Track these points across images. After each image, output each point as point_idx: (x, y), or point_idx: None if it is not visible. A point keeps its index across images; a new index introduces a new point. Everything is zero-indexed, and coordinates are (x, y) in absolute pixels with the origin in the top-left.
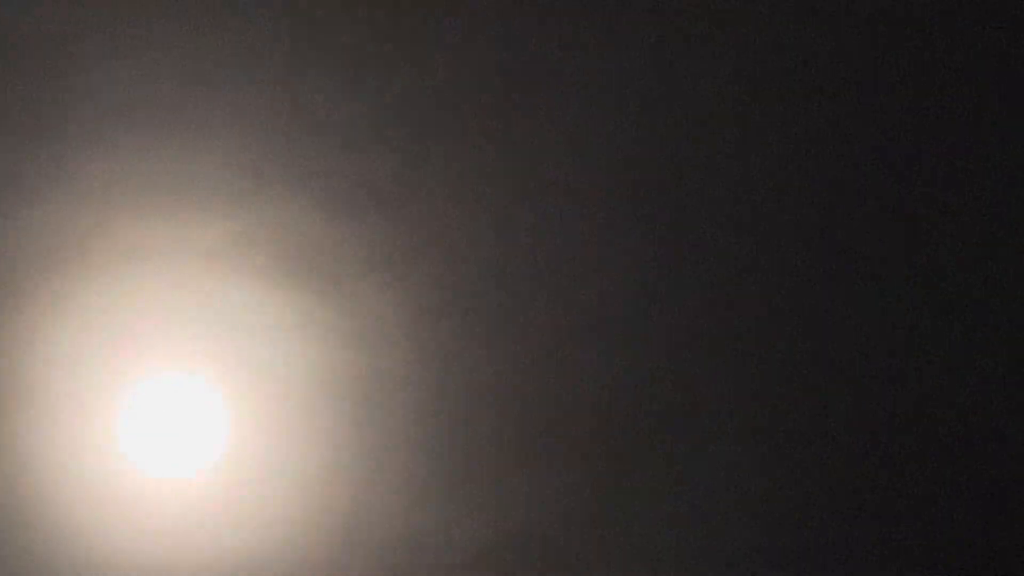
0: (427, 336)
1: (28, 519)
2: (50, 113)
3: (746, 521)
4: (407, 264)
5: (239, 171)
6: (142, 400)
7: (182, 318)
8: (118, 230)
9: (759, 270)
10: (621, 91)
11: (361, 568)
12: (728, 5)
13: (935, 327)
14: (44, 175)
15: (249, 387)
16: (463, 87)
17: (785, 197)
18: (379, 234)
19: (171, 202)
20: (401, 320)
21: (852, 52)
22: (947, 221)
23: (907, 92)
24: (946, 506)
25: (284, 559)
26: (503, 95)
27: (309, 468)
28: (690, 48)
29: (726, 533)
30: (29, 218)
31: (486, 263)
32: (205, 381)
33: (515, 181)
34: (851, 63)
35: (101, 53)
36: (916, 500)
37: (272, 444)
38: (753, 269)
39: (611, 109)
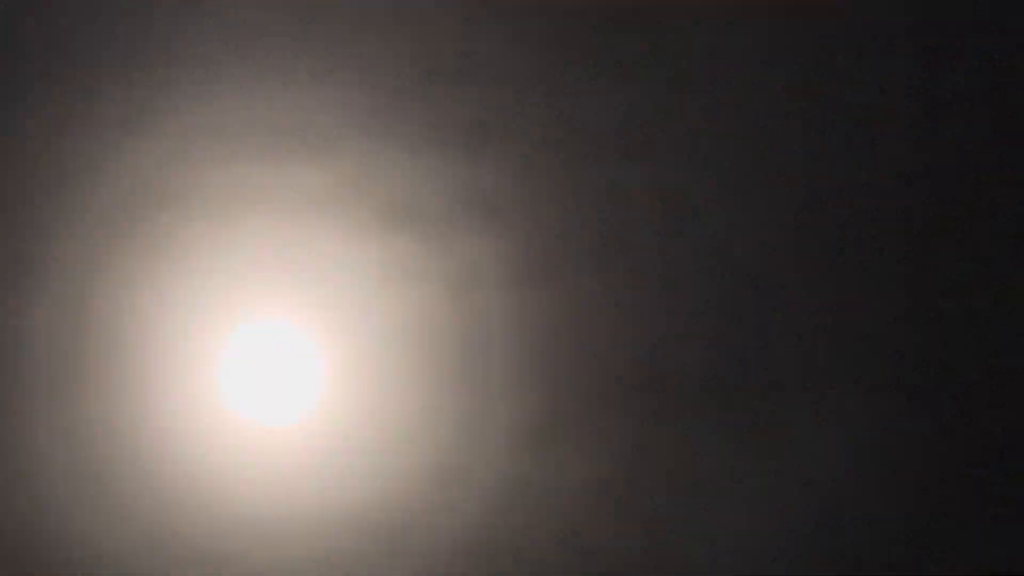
0: (528, 282)
1: (131, 468)
2: (160, 55)
3: (861, 480)
4: (510, 211)
5: (346, 117)
6: (244, 345)
7: (284, 263)
8: (223, 173)
9: (878, 235)
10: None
11: (462, 514)
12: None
13: None
14: (153, 117)
15: (351, 334)
16: (570, 31)
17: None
18: (484, 181)
19: (277, 146)
20: (503, 267)
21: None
22: None
23: None
24: None
25: (385, 507)
26: (610, 36)
27: (410, 415)
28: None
29: (835, 491)
30: (136, 161)
31: (588, 209)
32: (307, 327)
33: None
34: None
35: None
36: None
37: (373, 391)
38: (872, 236)
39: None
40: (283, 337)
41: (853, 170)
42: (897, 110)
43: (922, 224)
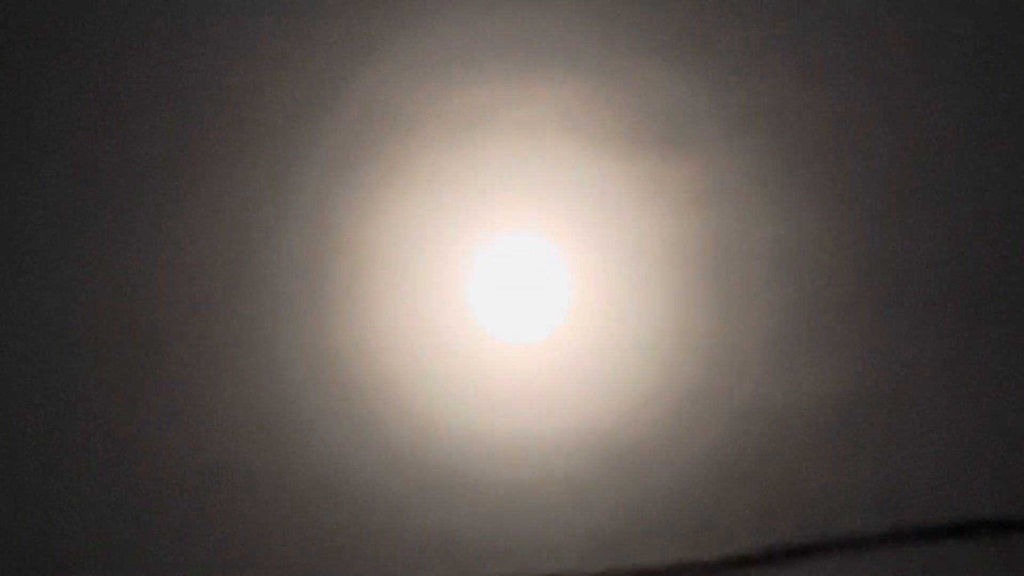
0: (772, 199)
1: (382, 390)
2: None
3: None
4: (750, 128)
5: (591, 34)
6: (492, 265)
7: (526, 184)
8: (460, 96)
9: None
10: None
11: (712, 435)
12: None
13: None
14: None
15: (600, 251)
16: None
17: None
18: (730, 98)
19: (512, 66)
20: (749, 185)
21: None
22: None
23: None
24: None
25: (629, 425)
26: None
27: (656, 331)
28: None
29: None
30: (374, 86)
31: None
32: (555, 246)
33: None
34: None
35: None
36: None
37: (619, 307)
38: None
39: None
40: (531, 255)
41: None
42: None
43: None
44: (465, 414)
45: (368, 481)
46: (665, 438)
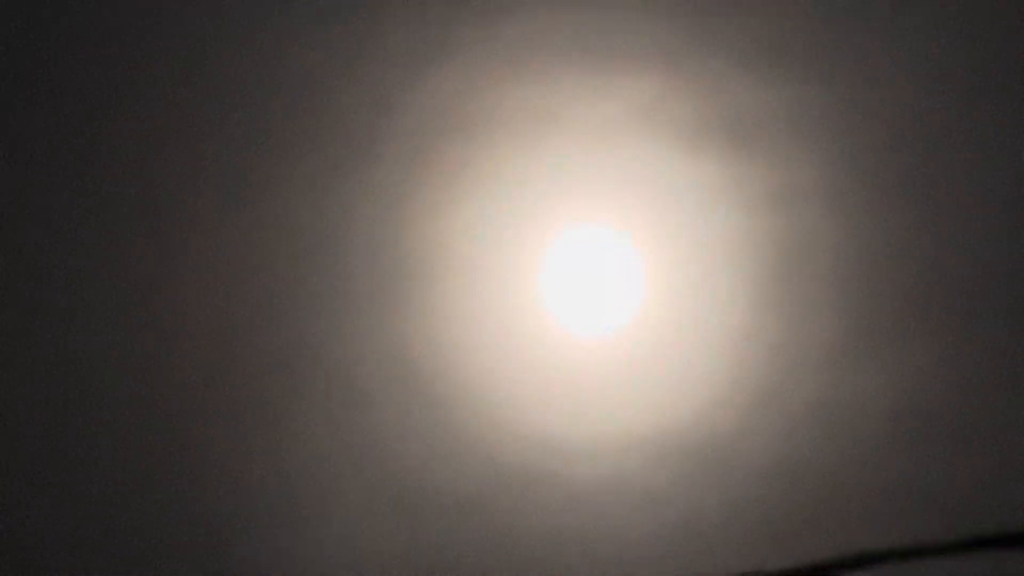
0: (844, 201)
1: (442, 382)
2: None
3: None
4: (824, 129)
5: (661, 32)
6: (557, 263)
7: (598, 182)
8: (525, 95)
9: None
10: None
11: (774, 433)
12: None
13: None
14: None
15: (665, 250)
16: None
17: None
18: (796, 98)
19: (584, 64)
20: (821, 184)
21: None
22: None
23: None
24: None
25: (697, 424)
26: None
27: (727, 330)
28: None
29: None
30: (433, 87)
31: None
32: (624, 244)
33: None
34: None
35: None
36: None
37: (690, 306)
38: None
39: None
40: (603, 253)
41: None
42: None
43: None
44: (535, 412)
45: (437, 481)
46: (730, 439)
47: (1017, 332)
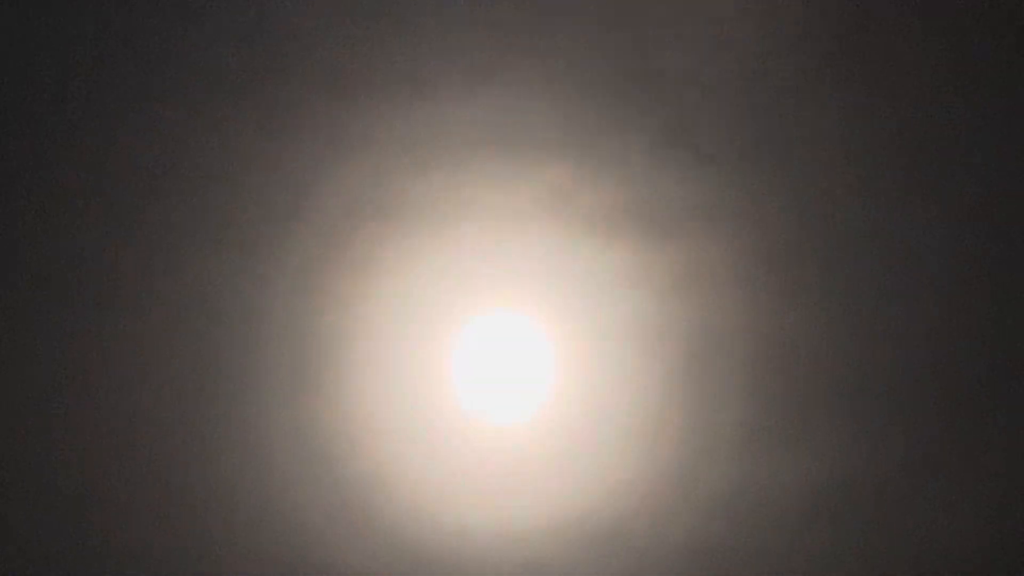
0: (755, 287)
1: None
2: (368, 67)
3: None
4: (735, 216)
5: (572, 119)
6: (467, 350)
7: (509, 268)
8: (438, 183)
9: None
10: None
11: (689, 517)
12: None
13: None
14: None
15: (576, 338)
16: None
17: None
18: (706, 185)
19: (492, 154)
20: (729, 271)
21: None
22: None
23: None
24: None
25: (611, 508)
26: (830, 60)
27: (637, 417)
28: None
29: None
30: (347, 173)
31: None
32: (530, 331)
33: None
34: None
35: (419, 5)
36: None
37: (602, 391)
38: None
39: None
40: (513, 338)
41: None
42: None
43: None
44: (449, 498)
45: (353, 566)
46: (645, 523)
47: (930, 416)
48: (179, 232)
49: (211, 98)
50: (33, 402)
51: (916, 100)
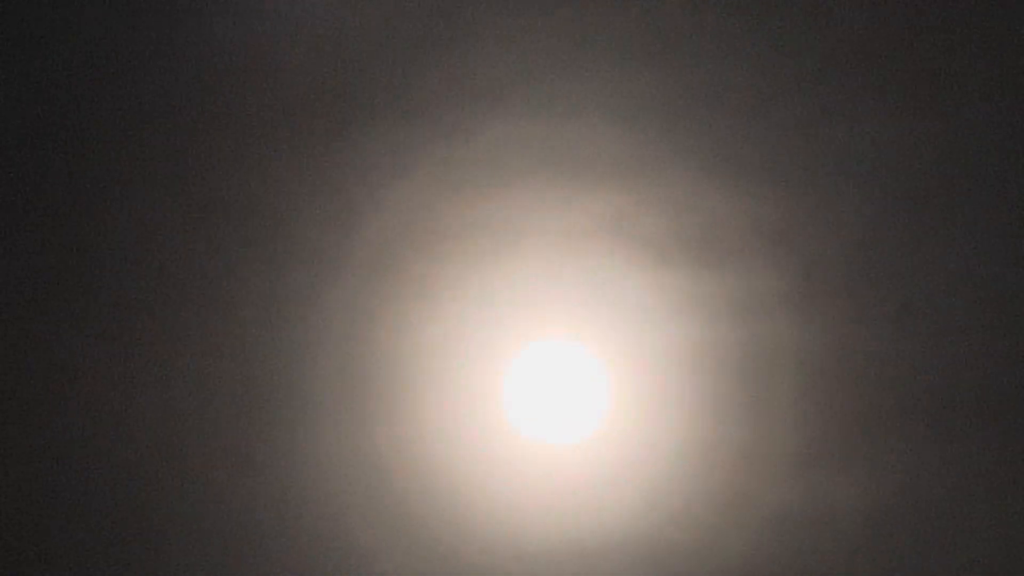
0: (807, 312)
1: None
2: (427, 91)
3: None
4: (788, 240)
5: (626, 143)
6: (525, 372)
7: (560, 293)
8: (494, 207)
9: None
10: None
11: (740, 542)
12: None
13: None
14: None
15: (629, 360)
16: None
17: None
18: (767, 209)
19: (548, 179)
20: (781, 296)
21: None
22: None
23: None
24: None
25: (663, 532)
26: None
27: (689, 441)
28: None
29: None
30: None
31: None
32: (587, 355)
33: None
34: None
35: (477, 30)
36: None
37: (655, 416)
38: None
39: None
40: (564, 364)
41: None
42: None
43: None
44: (502, 520)
45: None
46: (695, 545)
47: (987, 436)
48: (235, 254)
49: (273, 118)
50: (93, 422)
51: (970, 121)
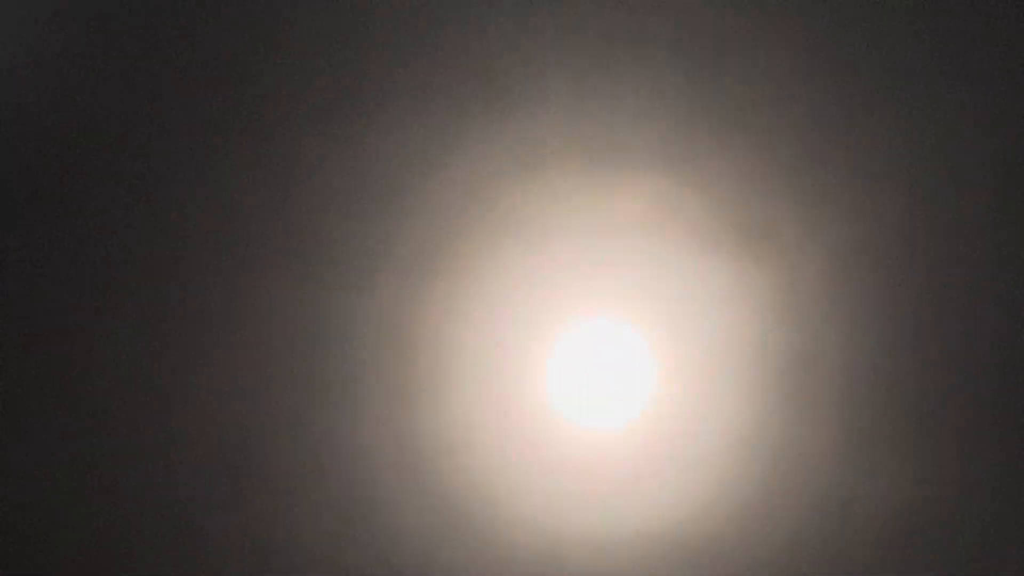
0: (854, 303)
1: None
2: (473, 79)
3: None
4: (835, 231)
5: (664, 134)
6: (568, 356)
7: (605, 279)
8: (541, 192)
9: None
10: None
11: (782, 531)
12: None
13: None
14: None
15: (674, 347)
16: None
17: None
18: (807, 199)
19: (595, 165)
20: (829, 286)
21: None
22: None
23: None
24: None
25: (704, 519)
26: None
27: (732, 430)
28: None
29: None
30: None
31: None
32: (634, 341)
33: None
34: None
35: (523, 20)
36: None
37: (696, 405)
38: None
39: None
40: (607, 350)
41: None
42: None
43: None
44: (545, 504)
45: (450, 570)
46: (737, 536)
47: (1021, 440)
48: (281, 246)
49: (319, 103)
50: (147, 414)
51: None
